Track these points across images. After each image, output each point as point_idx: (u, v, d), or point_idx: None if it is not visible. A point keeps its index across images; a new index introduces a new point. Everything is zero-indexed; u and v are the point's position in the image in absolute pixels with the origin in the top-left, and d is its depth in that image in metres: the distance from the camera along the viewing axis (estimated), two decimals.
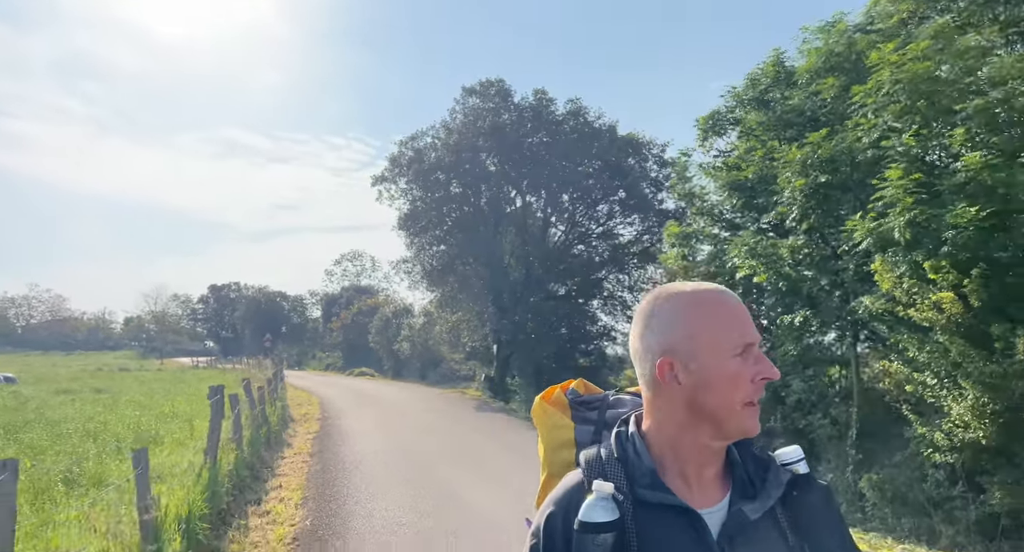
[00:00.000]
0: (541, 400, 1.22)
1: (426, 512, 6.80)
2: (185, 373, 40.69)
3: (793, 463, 1.02)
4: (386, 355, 38.48)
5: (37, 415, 13.84)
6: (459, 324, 24.58)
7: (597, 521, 0.91)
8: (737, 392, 0.94)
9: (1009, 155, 6.04)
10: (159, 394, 20.49)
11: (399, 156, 21.92)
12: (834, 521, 1.00)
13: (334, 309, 54.12)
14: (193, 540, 4.97)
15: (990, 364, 5.56)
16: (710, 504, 0.97)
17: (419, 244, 22.15)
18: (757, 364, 0.95)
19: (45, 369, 45.69)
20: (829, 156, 7.56)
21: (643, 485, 0.96)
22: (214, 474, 6.04)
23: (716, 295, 0.98)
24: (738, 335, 0.94)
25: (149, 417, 13.15)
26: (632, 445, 1.00)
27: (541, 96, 21.48)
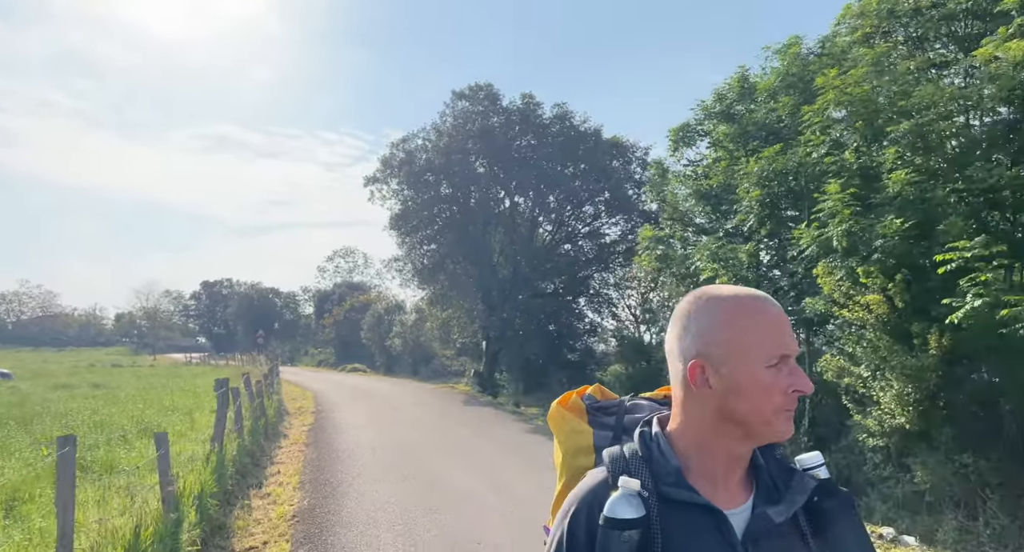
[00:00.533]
0: (558, 405, 1.21)
1: (411, 492, 7.49)
2: (179, 369, 41.14)
3: (814, 468, 1.03)
4: (378, 351, 39.10)
5: (42, 409, 14.41)
6: (449, 321, 25.26)
7: (623, 517, 0.90)
8: (769, 402, 0.94)
9: (930, 173, 6.77)
10: (156, 389, 21.05)
11: (390, 158, 22.53)
12: (855, 528, 1.00)
13: (327, 306, 54.65)
14: (205, 514, 5.63)
15: (910, 358, 6.30)
16: (734, 505, 0.97)
17: (410, 243, 22.78)
18: (791, 376, 0.94)
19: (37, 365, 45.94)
20: (782, 169, 8.29)
21: (668, 483, 0.96)
22: (221, 458, 6.72)
23: (756, 302, 0.97)
24: (774, 345, 0.94)
25: (150, 410, 13.76)
26: (657, 445, 1.01)
27: (528, 100, 22.15)
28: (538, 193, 23.02)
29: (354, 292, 53.50)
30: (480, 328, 23.13)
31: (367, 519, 6.45)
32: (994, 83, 6.40)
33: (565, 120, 22.22)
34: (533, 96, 22.13)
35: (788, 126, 9.00)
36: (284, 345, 61.10)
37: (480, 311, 22.50)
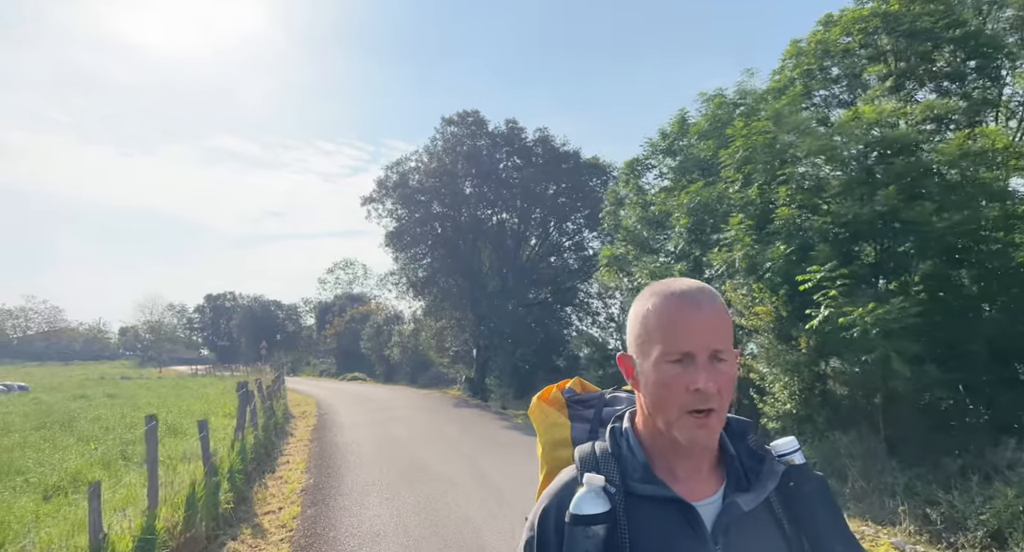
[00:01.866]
0: (538, 400, 1.23)
1: (398, 474, 9.12)
2: (186, 380, 42.67)
3: (789, 454, 1.03)
4: (378, 360, 40.69)
5: (71, 416, 16.03)
6: (443, 330, 26.91)
7: (587, 513, 0.91)
8: (671, 399, 0.93)
9: (810, 209, 8.43)
10: (170, 398, 22.67)
11: (385, 179, 24.26)
12: (830, 511, 0.99)
13: (327, 317, 56.26)
14: (234, 484, 7.27)
15: (791, 355, 7.95)
16: (704, 497, 0.97)
17: (404, 259, 24.47)
18: (693, 373, 0.92)
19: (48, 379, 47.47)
20: (705, 201, 9.97)
21: (635, 479, 0.97)
22: (243, 444, 8.35)
23: (674, 299, 0.96)
24: (676, 340, 0.93)
25: (171, 415, 15.37)
26: (626, 440, 1.02)
27: (512, 125, 23.93)
28: (523, 210, 24.75)
29: (354, 303, 55.12)
30: (471, 337, 24.77)
31: (360, 490, 8.08)
32: (852, 137, 8.10)
33: (547, 143, 24.00)
34: (516, 121, 23.94)
35: (713, 164, 10.69)
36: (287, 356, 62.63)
37: (470, 321, 24.16)
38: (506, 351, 24.17)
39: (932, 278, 7.89)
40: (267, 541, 6.15)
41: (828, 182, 8.36)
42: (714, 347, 0.93)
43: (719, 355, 0.94)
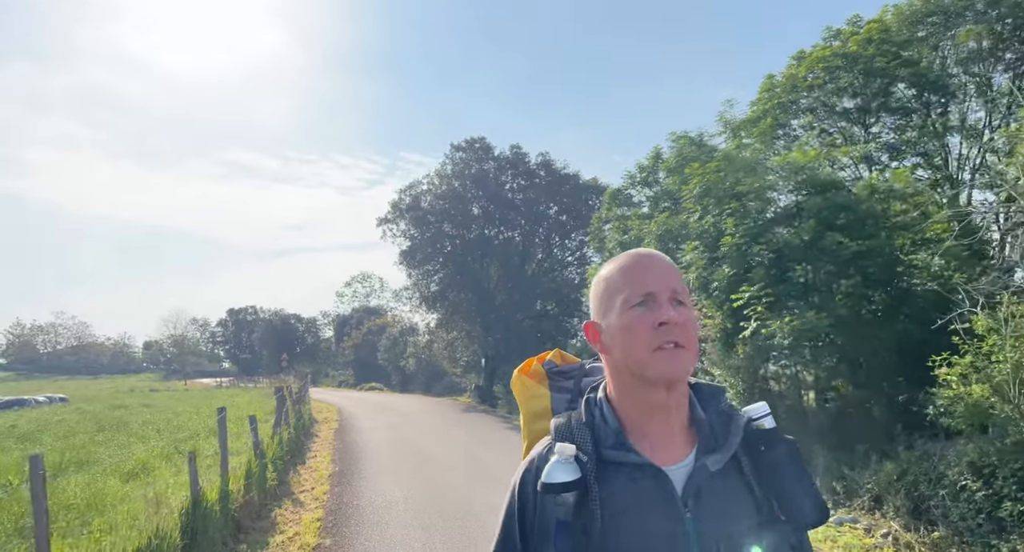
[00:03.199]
0: (519, 373, 1.27)
1: (408, 463, 10.81)
2: (212, 392, 44.73)
3: (760, 418, 1.06)
4: (394, 371, 42.51)
5: (123, 421, 17.95)
6: (454, 342, 28.64)
7: (557, 482, 0.95)
8: (638, 341, 0.97)
9: (751, 237, 10.03)
10: (203, 407, 24.58)
11: (399, 202, 26.16)
12: (799, 473, 1.01)
13: (345, 329, 58.33)
14: (276, 467, 9.01)
15: (733, 360, 9.53)
16: (676, 461, 1.00)
17: (416, 276, 26.30)
18: (656, 311, 0.97)
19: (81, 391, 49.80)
20: (671, 229, 11.61)
21: (608, 445, 1.00)
22: (281, 437, 10.10)
23: (631, 256, 1.04)
24: (636, 285, 0.99)
25: (211, 421, 17.21)
26: (599, 409, 1.05)
27: (516, 150, 25.75)
28: (527, 229, 26.50)
29: (371, 316, 57.12)
30: (479, 347, 26.46)
31: (377, 475, 9.78)
32: (782, 178, 9.71)
33: (549, 166, 25.77)
34: (520, 146, 25.81)
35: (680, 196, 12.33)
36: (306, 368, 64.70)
37: (479, 333, 25.87)
38: (513, 361, 25.77)
39: (850, 296, 9.43)
40: (305, 509, 7.86)
41: (765, 215, 9.96)
42: (672, 286, 0.99)
43: (678, 297, 1.00)
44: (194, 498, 5.57)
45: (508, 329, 25.26)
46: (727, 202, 10.40)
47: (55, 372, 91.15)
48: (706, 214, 10.98)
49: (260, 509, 7.56)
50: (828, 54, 14.48)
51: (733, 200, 10.21)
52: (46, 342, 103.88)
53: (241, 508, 6.88)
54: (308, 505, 8.05)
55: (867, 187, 9.37)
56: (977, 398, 6.14)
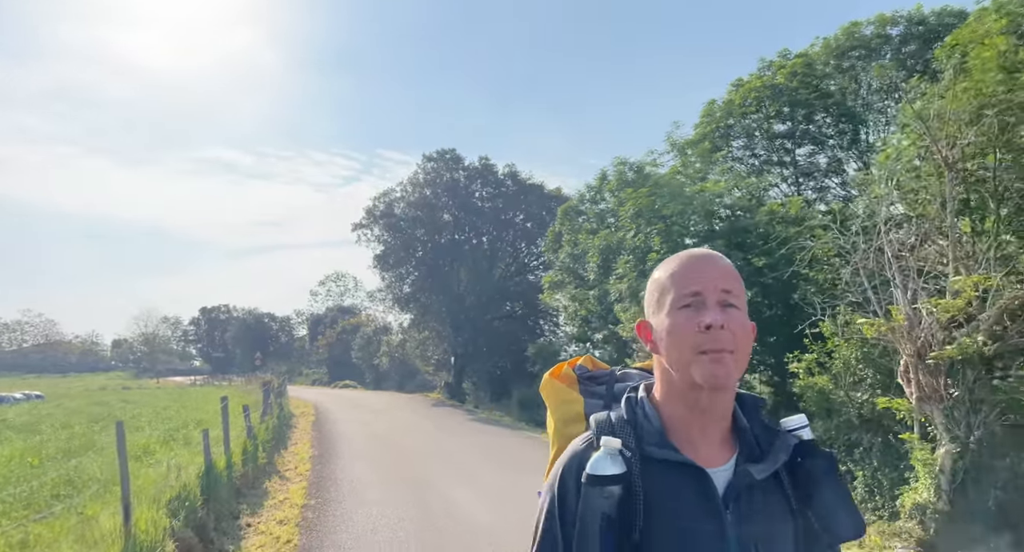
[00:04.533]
0: (550, 377, 1.25)
1: (378, 448, 12.38)
2: (186, 390, 45.37)
3: (798, 429, 1.05)
4: (368, 369, 43.79)
5: (113, 414, 19.11)
6: (425, 341, 30.16)
7: (604, 474, 0.95)
8: (683, 343, 0.96)
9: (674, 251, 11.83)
10: (184, 402, 25.70)
11: (373, 208, 27.60)
12: (837, 487, 1.01)
13: (319, 328, 59.26)
14: (265, 448, 10.51)
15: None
16: (717, 464, 1.00)
17: (390, 278, 27.75)
18: (703, 313, 0.96)
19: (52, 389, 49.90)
20: (610, 244, 13.36)
21: (651, 443, 1.00)
22: (268, 424, 11.59)
23: (684, 255, 1.04)
24: (684, 285, 0.98)
25: (195, 414, 18.50)
26: (642, 408, 1.05)
27: (485, 161, 27.41)
28: (495, 235, 28.15)
29: (345, 315, 58.13)
30: (449, 346, 28.05)
31: (351, 457, 11.35)
32: (699, 205, 11.52)
33: (515, 177, 27.45)
34: (488, 158, 27.48)
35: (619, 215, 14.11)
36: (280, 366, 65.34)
37: (449, 333, 27.45)
38: (482, 359, 27.44)
39: (750, 305, 11.26)
40: (291, 482, 9.39)
41: (685, 237, 11.77)
42: (722, 287, 0.98)
43: (729, 299, 0.98)
44: (207, 465, 7.09)
45: (476, 329, 26.87)
46: (655, 222, 12.18)
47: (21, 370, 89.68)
48: (639, 232, 12.76)
49: (253, 481, 9.08)
50: (759, 85, 16.53)
51: (660, 221, 11.99)
52: (12, 340, 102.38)
53: (240, 478, 8.40)
54: (293, 479, 9.58)
55: (767, 212, 11.22)
56: (821, 386, 7.95)
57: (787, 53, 17.79)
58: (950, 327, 6.70)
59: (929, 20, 17.32)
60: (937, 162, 7.56)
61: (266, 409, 12.06)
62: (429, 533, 6.50)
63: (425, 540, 6.25)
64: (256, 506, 7.80)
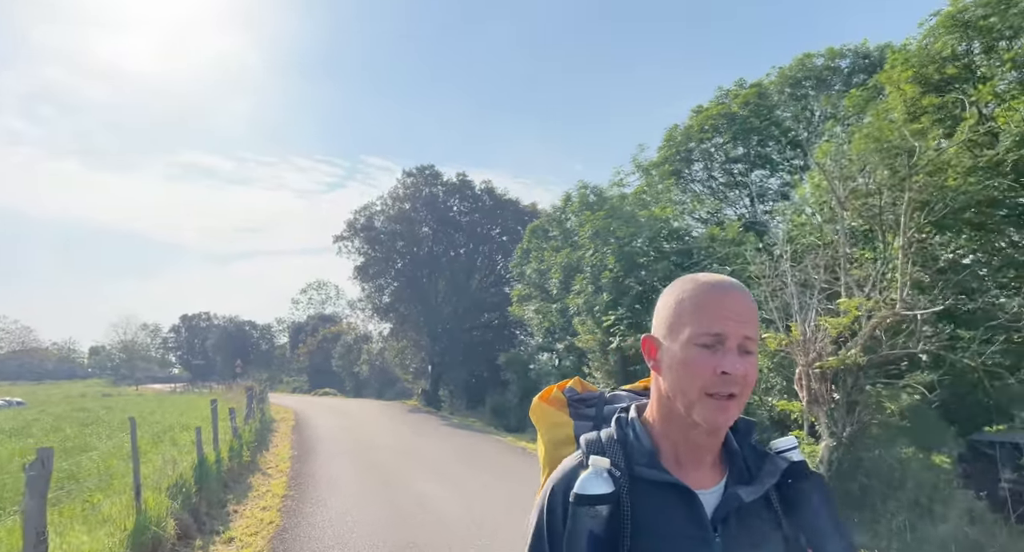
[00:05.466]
0: (539, 400, 1.25)
1: (354, 449, 13.38)
2: (166, 397, 45.78)
3: (787, 451, 1.07)
4: (348, 377, 44.53)
5: (98, 419, 19.83)
6: (404, 350, 31.12)
7: (592, 493, 0.95)
8: (693, 380, 0.96)
9: (625, 272, 13.03)
10: (166, 408, 26.39)
11: (354, 222, 28.59)
12: (827, 508, 1.03)
13: (301, 336, 59.79)
14: (249, 448, 11.49)
15: (608, 365, 12.47)
16: (707, 486, 1.01)
17: (370, 289, 28.73)
18: (722, 358, 0.95)
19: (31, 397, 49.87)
20: (571, 262, 14.56)
21: (641, 464, 1.01)
22: (252, 427, 12.55)
23: (708, 286, 1.01)
24: (708, 323, 0.97)
25: (181, 418, 19.31)
26: (632, 429, 1.06)
27: (462, 177, 28.59)
28: (472, 248, 29.27)
29: (326, 324, 58.76)
30: (427, 355, 29.04)
31: (328, 456, 12.35)
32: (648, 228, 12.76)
33: (492, 192, 28.65)
34: (466, 174, 28.66)
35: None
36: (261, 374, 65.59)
37: (426, 342, 28.46)
38: (458, 367, 28.45)
39: None
40: (272, 478, 10.38)
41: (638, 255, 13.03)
42: (745, 333, 0.97)
43: (747, 345, 0.97)
44: (200, 459, 8.10)
45: (453, 339, 27.92)
46: (610, 243, 13.41)
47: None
48: (596, 252, 13.98)
49: (239, 476, 10.06)
50: (715, 113, 17.94)
51: (614, 242, 13.22)
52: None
53: (227, 473, 9.39)
54: (274, 476, 10.58)
55: (708, 236, 12.49)
56: None
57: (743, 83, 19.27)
58: (838, 341, 7.96)
59: (873, 54, 18.91)
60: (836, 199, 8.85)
61: (249, 413, 13.03)
62: (395, 516, 7.57)
63: (391, 521, 7.31)
64: (241, 497, 8.80)
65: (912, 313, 7.62)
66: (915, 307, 7.63)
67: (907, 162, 8.72)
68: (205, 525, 7.27)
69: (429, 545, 6.27)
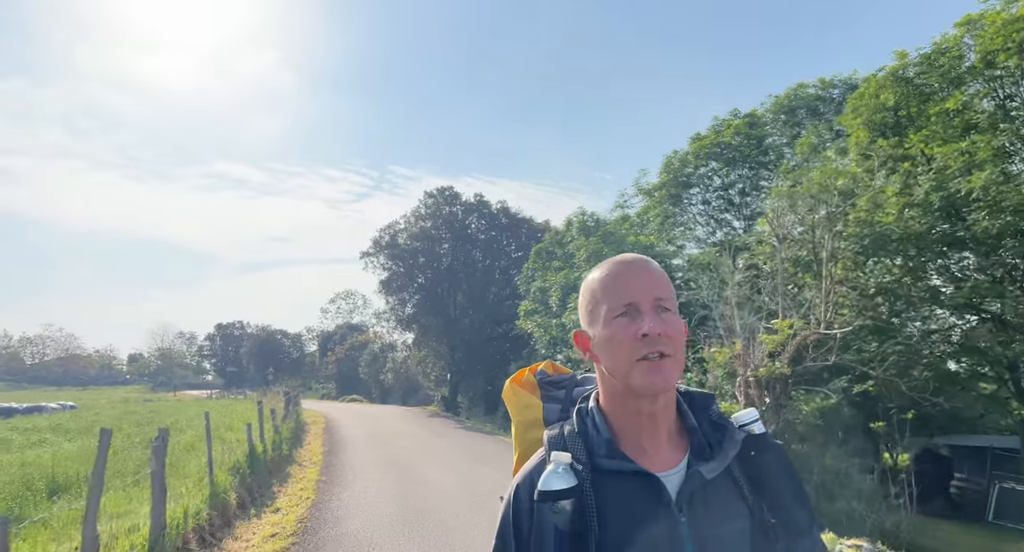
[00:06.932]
0: (511, 383, 1.27)
1: (378, 446, 15.30)
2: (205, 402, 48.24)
3: (749, 424, 1.09)
4: (374, 384, 46.70)
5: (151, 420, 22.13)
6: (425, 359, 33.10)
7: (554, 489, 0.96)
8: (622, 351, 0.99)
9: None
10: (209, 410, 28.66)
11: (379, 239, 30.76)
12: (788, 477, 1.05)
13: (329, 344, 62.30)
14: (288, 445, 13.48)
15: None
16: (668, 467, 1.02)
17: (394, 302, 30.82)
18: (640, 321, 0.98)
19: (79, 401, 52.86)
20: (569, 282, 16.33)
21: (601, 455, 1.01)
22: (289, 425, 14.55)
23: (614, 263, 1.05)
24: (619, 295, 1.00)
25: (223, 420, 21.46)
26: (592, 419, 1.07)
27: (480, 198, 30.62)
28: (489, 264, 31.19)
29: (354, 333, 61.16)
30: (446, 364, 30.99)
31: (355, 451, 14.29)
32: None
33: (507, 211, 30.58)
34: (483, 195, 30.67)
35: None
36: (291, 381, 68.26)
37: (446, 351, 30.41)
38: (475, 376, 30.33)
39: None
40: (307, 468, 12.32)
41: None
42: (655, 294, 1.00)
43: (662, 304, 1.01)
44: (250, 448, 10.06)
45: (471, 349, 29.80)
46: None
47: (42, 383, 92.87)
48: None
49: (279, 466, 12.03)
50: (708, 142, 19.66)
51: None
52: (33, 353, 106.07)
53: (270, 462, 11.36)
54: (308, 466, 12.52)
55: (688, 262, 14.16)
56: None
57: (737, 112, 20.94)
58: (772, 355, 9.60)
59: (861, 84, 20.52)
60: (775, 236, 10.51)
61: (287, 414, 15.04)
62: (406, 493, 9.41)
63: (403, 496, 9.16)
64: (282, 481, 10.74)
65: (832, 332, 9.24)
66: (832, 326, 9.24)
67: (837, 203, 10.37)
68: (256, 499, 9.20)
69: (431, 511, 8.10)
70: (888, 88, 12.30)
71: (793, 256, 10.69)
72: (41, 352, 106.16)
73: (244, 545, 6.71)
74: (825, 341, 9.16)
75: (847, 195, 10.77)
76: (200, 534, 6.64)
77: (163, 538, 5.52)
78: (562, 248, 18.29)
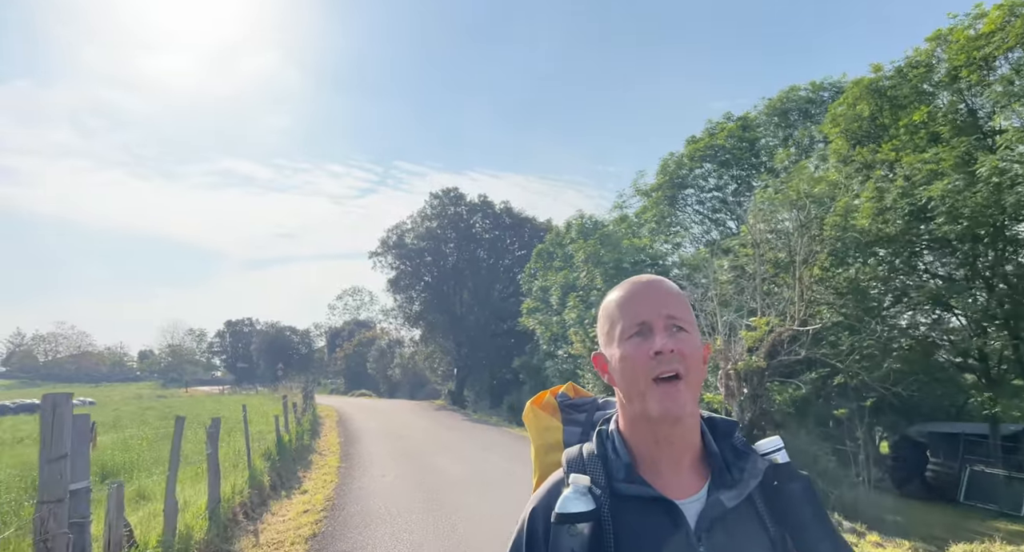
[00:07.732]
0: (532, 405, 1.24)
1: (389, 437, 16.35)
2: (215, 398, 49.60)
3: (772, 452, 1.05)
4: (382, 379, 47.82)
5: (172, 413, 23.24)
6: (432, 355, 34.16)
7: (572, 512, 0.94)
8: (635, 370, 0.97)
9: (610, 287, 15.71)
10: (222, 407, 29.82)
11: (386, 239, 31.76)
12: (814, 510, 1.01)
13: (337, 340, 63.47)
14: (309, 435, 14.53)
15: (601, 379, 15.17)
16: (688, 494, 1.00)
17: (401, 299, 31.84)
18: (652, 341, 0.96)
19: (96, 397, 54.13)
20: (569, 282, 17.28)
21: (620, 479, 0.99)
22: (308, 419, 15.60)
23: (629, 284, 1.05)
24: (631, 315, 0.99)
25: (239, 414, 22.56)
26: (611, 442, 1.04)
27: (484, 198, 31.55)
28: (493, 262, 32.16)
29: (361, 329, 62.27)
30: (452, 359, 32.04)
31: (368, 441, 15.33)
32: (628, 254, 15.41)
33: (511, 211, 31.52)
34: (487, 196, 31.60)
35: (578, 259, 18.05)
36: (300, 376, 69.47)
37: (452, 347, 31.44)
38: (481, 370, 31.37)
39: None
40: (327, 456, 13.36)
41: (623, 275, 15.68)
42: (668, 312, 0.98)
43: (677, 323, 0.99)
44: (278, 437, 11.09)
45: (476, 345, 30.83)
46: (599, 266, 16.10)
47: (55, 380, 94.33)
48: (588, 273, 16.68)
49: (301, 455, 13.08)
50: (702, 145, 20.56)
51: (602, 266, 15.91)
52: (46, 351, 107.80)
53: (295, 451, 12.40)
54: (328, 455, 13.57)
55: (680, 263, 15.10)
56: None
57: (730, 116, 21.78)
58: (751, 350, 10.55)
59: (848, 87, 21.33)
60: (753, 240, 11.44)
61: (306, 407, 16.08)
62: (417, 475, 10.43)
63: (414, 478, 10.18)
64: (306, 468, 11.78)
65: (804, 329, 10.18)
66: (807, 323, 10.18)
67: (812, 210, 11.28)
68: (285, 482, 10.24)
69: (439, 490, 9.12)
70: (864, 100, 13.18)
71: (773, 258, 11.60)
72: (54, 349, 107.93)
73: (282, 519, 7.74)
74: (799, 337, 10.09)
75: (821, 203, 11.67)
76: (244, 509, 7.67)
77: (219, 509, 6.54)
78: (562, 249, 19.24)
